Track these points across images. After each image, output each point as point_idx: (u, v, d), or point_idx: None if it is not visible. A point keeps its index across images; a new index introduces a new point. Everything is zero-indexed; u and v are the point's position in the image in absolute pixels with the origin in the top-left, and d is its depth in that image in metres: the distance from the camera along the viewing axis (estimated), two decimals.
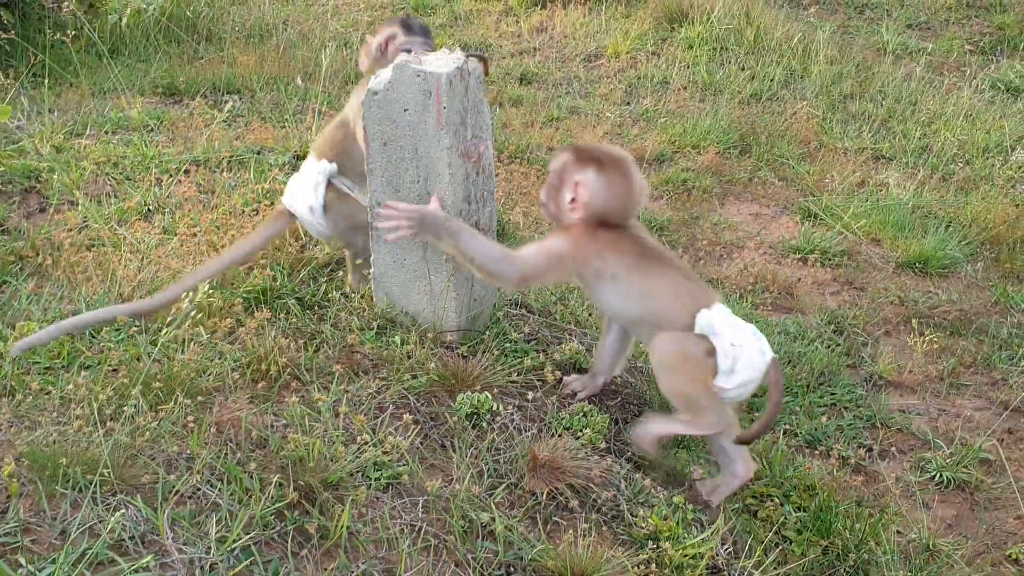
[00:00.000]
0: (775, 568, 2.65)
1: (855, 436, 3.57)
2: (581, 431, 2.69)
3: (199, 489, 2.16)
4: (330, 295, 3.11)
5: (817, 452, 3.42)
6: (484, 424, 2.62)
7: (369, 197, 2.94)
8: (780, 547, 2.87)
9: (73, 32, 5.98)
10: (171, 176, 4.16)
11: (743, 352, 2.69)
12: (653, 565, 2.33)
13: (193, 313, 2.67)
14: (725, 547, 2.56)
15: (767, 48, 7.09)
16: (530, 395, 2.75)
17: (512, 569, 2.25)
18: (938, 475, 3.43)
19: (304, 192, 3.24)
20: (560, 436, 2.65)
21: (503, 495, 2.42)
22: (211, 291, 2.83)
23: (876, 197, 5.25)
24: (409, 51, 3.11)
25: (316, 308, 3.04)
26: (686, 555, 2.41)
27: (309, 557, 2.09)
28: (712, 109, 6.16)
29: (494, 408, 2.65)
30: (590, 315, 3.50)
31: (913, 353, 4.02)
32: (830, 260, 4.70)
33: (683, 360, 2.69)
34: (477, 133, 2.93)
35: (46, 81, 5.37)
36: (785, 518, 2.98)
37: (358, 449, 2.38)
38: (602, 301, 2.78)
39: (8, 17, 5.97)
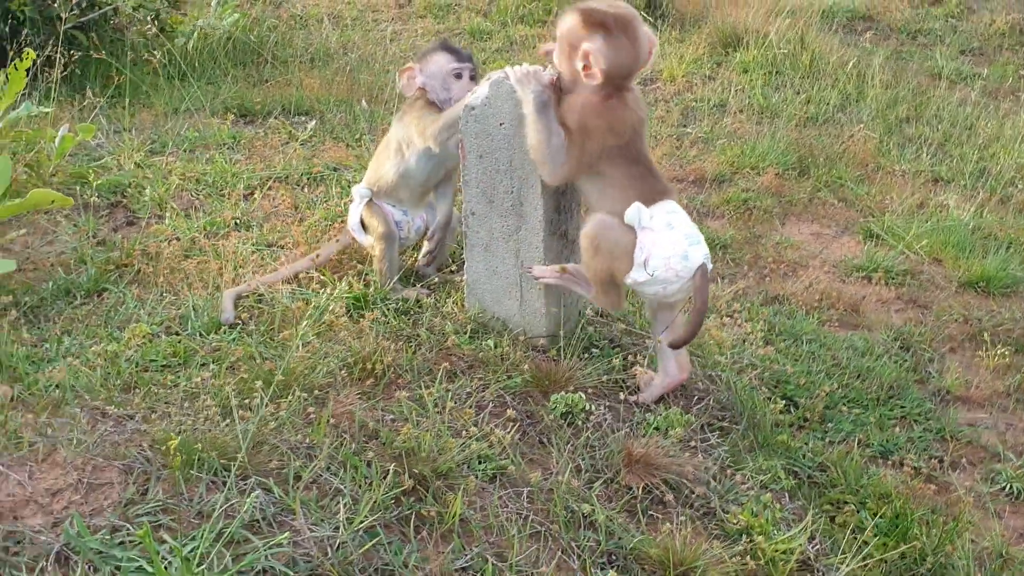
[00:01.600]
0: (859, 568, 2.73)
1: (926, 448, 3.63)
2: (670, 430, 2.79)
3: (321, 476, 2.28)
4: (422, 302, 3.23)
5: (890, 463, 3.49)
6: (579, 422, 2.73)
7: (464, 207, 3.08)
8: (860, 548, 2.95)
9: (146, 54, 6.19)
10: (257, 191, 4.32)
11: (657, 250, 2.83)
12: (748, 558, 2.43)
13: (314, 314, 2.81)
14: (813, 545, 2.65)
15: (822, 72, 7.19)
16: (621, 396, 2.86)
17: (614, 557, 2.36)
18: (1008, 486, 3.50)
19: (351, 211, 3.55)
20: (650, 436, 2.75)
21: (601, 489, 2.53)
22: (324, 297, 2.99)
23: (936, 218, 5.33)
24: (460, 75, 3.35)
25: (410, 314, 3.16)
26: (777, 550, 2.50)
27: (428, 539, 2.21)
28: (769, 132, 6.25)
29: (587, 408, 2.76)
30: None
31: (979, 369, 4.09)
32: (893, 279, 4.77)
33: (603, 242, 2.86)
34: None
35: (126, 101, 5.57)
36: (863, 523, 3.06)
37: (464, 442, 2.50)
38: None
39: (84, 39, 6.19)
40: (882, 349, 4.17)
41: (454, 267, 3.43)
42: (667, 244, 2.84)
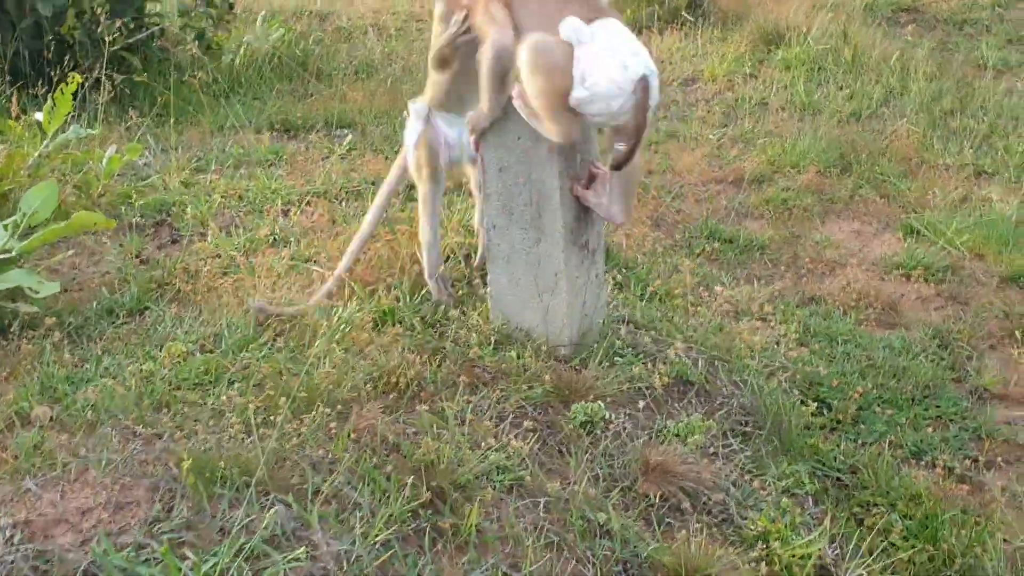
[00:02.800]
0: (882, 571, 2.74)
1: (960, 448, 3.61)
2: (690, 437, 2.83)
3: (341, 490, 2.36)
4: (449, 313, 3.30)
5: (923, 463, 3.48)
6: (598, 431, 2.78)
7: (485, 220, 3.14)
8: (886, 551, 2.96)
9: (192, 72, 6.34)
10: (295, 207, 4.42)
11: (596, 64, 2.78)
12: (763, 564, 2.46)
13: (340, 329, 2.90)
14: (833, 549, 2.66)
15: (865, 67, 7.13)
16: (640, 404, 2.89)
17: (629, 566, 2.40)
18: None
19: (407, 129, 3.54)
20: (669, 443, 2.79)
21: (618, 497, 2.58)
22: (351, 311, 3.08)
23: (979, 212, 5.27)
24: None
25: (437, 326, 3.23)
26: (794, 555, 2.53)
27: (443, 552, 2.27)
28: (811, 129, 6.23)
29: (607, 417, 2.81)
30: (694, 332, 3.61)
31: (1019, 366, 4.05)
32: (933, 276, 4.73)
33: (539, 59, 2.83)
34: (586, 158, 3.11)
35: (171, 120, 5.71)
36: (891, 526, 3.07)
37: (483, 454, 2.56)
38: None
39: (132, 59, 6.35)
40: (919, 348, 4.15)
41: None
42: (606, 57, 2.80)
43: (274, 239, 4.10)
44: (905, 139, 6.17)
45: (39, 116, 4.78)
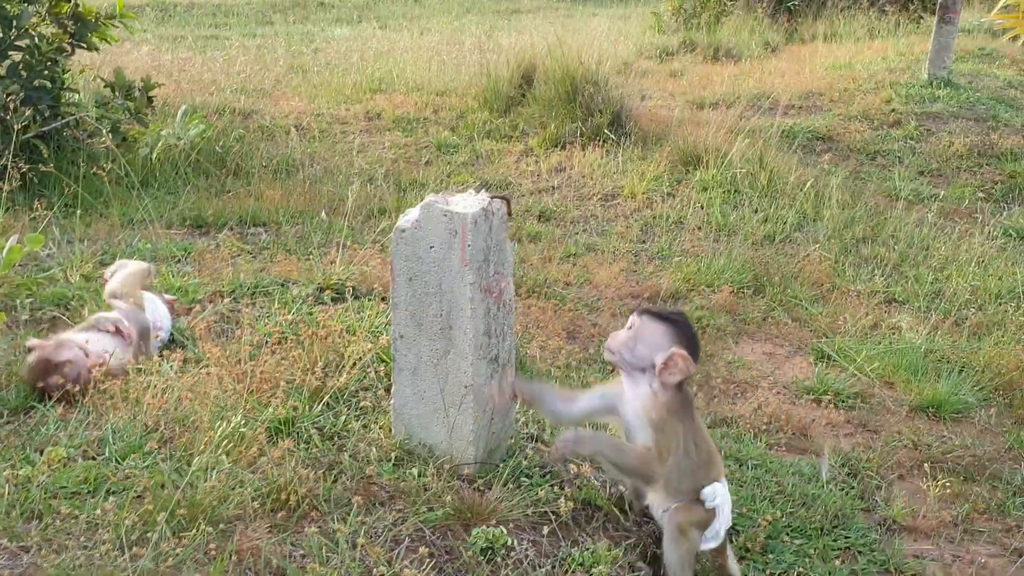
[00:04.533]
0: None
1: None
2: (594, 567, 2.71)
3: None
4: (349, 425, 3.16)
5: None
6: (499, 559, 2.64)
7: (393, 330, 3.03)
8: None
9: (105, 164, 6.20)
10: (199, 307, 4.27)
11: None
12: None
13: (223, 443, 2.73)
14: None
15: (780, 192, 7.25)
16: (545, 530, 2.77)
17: None
18: None
19: None
20: (574, 572, 2.66)
21: None
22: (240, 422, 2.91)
23: (889, 340, 5.31)
24: None
25: (336, 438, 3.09)
26: None
27: None
28: (726, 250, 6.28)
29: (508, 543, 2.68)
30: None
31: (927, 498, 4.03)
32: (844, 402, 4.72)
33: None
34: (499, 269, 3.04)
35: (78, 212, 5.55)
36: None
37: None
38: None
39: (44, 149, 6.20)
40: (829, 475, 4.10)
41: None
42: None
43: (171, 340, 3.94)
44: (818, 264, 6.24)
45: None
